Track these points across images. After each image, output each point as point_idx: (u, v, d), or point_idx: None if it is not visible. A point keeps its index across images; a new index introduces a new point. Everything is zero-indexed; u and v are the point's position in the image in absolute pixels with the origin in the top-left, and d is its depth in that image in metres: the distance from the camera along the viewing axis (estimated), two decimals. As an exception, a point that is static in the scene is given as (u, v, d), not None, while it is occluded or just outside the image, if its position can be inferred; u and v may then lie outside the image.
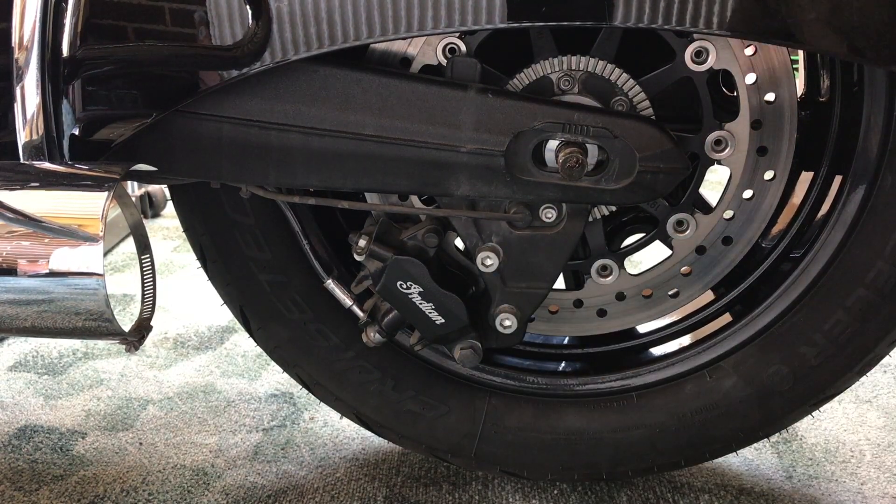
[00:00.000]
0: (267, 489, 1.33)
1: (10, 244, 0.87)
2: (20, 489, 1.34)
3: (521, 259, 1.04)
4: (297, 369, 1.25)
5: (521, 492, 1.30)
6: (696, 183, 1.10)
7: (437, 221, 1.05)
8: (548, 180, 0.98)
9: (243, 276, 1.19)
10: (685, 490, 1.30)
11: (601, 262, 1.15)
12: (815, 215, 1.14)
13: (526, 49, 1.02)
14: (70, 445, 1.47)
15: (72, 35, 0.87)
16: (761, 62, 1.01)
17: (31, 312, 0.89)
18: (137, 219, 1.07)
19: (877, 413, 1.51)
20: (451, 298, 1.04)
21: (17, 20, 0.86)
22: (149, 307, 1.04)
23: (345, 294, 1.14)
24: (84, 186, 0.87)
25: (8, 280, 0.87)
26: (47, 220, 0.87)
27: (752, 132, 1.04)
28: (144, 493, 1.33)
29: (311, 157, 0.98)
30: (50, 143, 0.89)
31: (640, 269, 1.17)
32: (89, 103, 0.91)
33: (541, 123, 0.96)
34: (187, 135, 0.96)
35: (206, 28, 0.89)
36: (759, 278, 1.18)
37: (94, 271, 0.85)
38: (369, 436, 1.43)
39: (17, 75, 0.87)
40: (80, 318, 0.88)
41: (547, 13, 0.86)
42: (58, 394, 1.66)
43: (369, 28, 0.87)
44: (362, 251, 1.04)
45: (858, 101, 1.04)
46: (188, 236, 1.19)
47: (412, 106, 0.96)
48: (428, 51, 1.01)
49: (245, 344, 1.87)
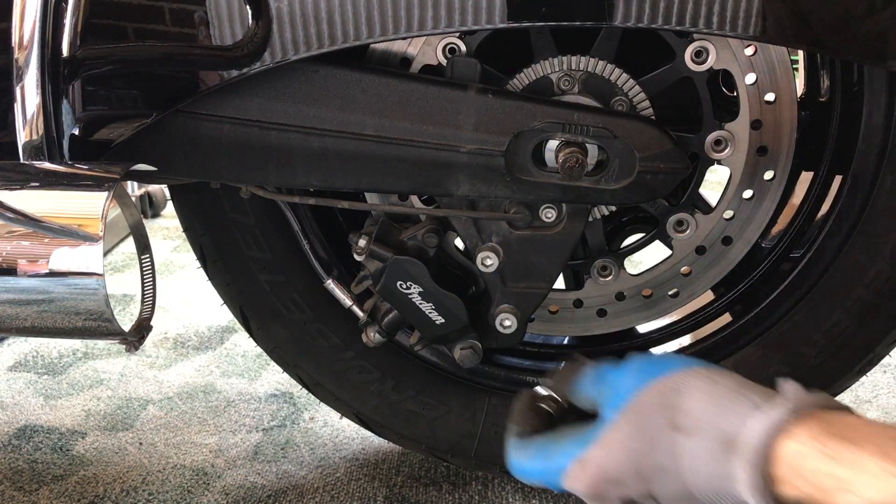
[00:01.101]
0: (267, 489, 1.33)
1: (10, 244, 0.87)
2: (20, 489, 1.34)
3: (521, 259, 1.04)
4: (297, 369, 1.25)
5: (521, 492, 1.30)
6: (696, 183, 1.10)
7: (437, 221, 1.05)
8: (548, 180, 0.98)
9: (243, 276, 1.19)
10: (685, 490, 1.30)
11: (601, 262, 1.15)
12: (815, 215, 1.14)
13: (526, 49, 1.02)
14: (70, 445, 1.47)
15: (72, 35, 0.87)
16: (761, 62, 1.01)
17: (31, 312, 0.89)
18: (137, 219, 1.07)
19: (877, 413, 1.51)
20: (451, 298, 1.04)
21: (17, 20, 0.86)
22: (149, 307, 1.04)
23: (345, 294, 1.14)
24: (84, 186, 0.87)
25: (8, 280, 0.87)
26: (47, 220, 0.87)
27: (752, 132, 1.04)
28: (144, 493, 1.33)
29: (311, 157, 0.97)
30: (50, 143, 0.89)
31: (640, 269, 1.17)
32: (89, 103, 0.90)
33: (541, 123, 0.96)
34: (187, 135, 0.96)
35: (206, 28, 0.89)
36: (759, 278, 1.18)
37: (94, 271, 0.85)
38: (369, 436, 1.43)
39: (17, 75, 0.87)
40: (80, 318, 0.88)
41: (547, 13, 0.86)
42: (58, 394, 1.66)
43: (369, 28, 0.87)
44: (362, 251, 1.04)
45: (858, 101, 1.03)
46: (188, 236, 1.19)
47: (412, 106, 0.96)
48: (428, 51, 1.01)
49: (245, 344, 1.87)
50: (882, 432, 0.62)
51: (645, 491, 0.73)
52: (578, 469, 0.77)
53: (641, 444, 0.72)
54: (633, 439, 0.73)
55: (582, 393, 0.83)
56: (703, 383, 0.71)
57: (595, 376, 0.82)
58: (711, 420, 0.68)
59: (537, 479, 0.83)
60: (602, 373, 0.82)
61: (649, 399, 0.74)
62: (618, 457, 0.74)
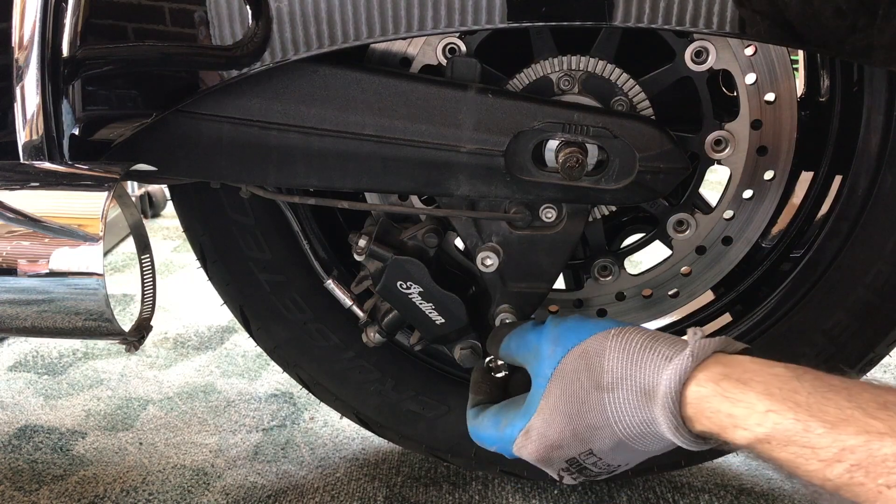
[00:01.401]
0: (267, 489, 1.33)
1: (10, 244, 0.87)
2: (20, 489, 1.34)
3: (521, 259, 1.04)
4: (297, 369, 1.25)
5: (521, 492, 1.30)
6: (696, 183, 1.10)
7: (436, 221, 1.05)
8: (548, 180, 0.98)
9: (243, 276, 1.19)
10: (685, 490, 1.30)
11: (601, 262, 1.15)
12: (815, 215, 1.14)
13: (526, 49, 1.02)
14: (70, 445, 1.47)
15: (72, 35, 0.87)
16: (761, 62, 1.01)
17: (31, 312, 0.89)
18: (137, 219, 1.07)
19: (877, 413, 1.51)
20: (451, 298, 1.04)
21: (17, 20, 0.86)
22: (149, 307, 1.04)
23: (345, 294, 1.14)
24: (84, 186, 0.87)
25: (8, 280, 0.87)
26: (47, 220, 0.87)
27: (752, 132, 1.04)
28: (144, 493, 1.33)
29: (311, 157, 0.97)
30: (50, 143, 0.89)
31: (640, 269, 1.17)
32: (89, 103, 0.90)
33: (541, 123, 0.96)
34: (187, 135, 0.96)
35: (206, 28, 0.89)
36: (759, 278, 1.18)
37: (94, 271, 0.85)
38: (369, 436, 1.43)
39: (17, 75, 0.87)
40: (80, 318, 0.88)
41: (547, 13, 0.86)
42: (58, 394, 1.66)
43: (369, 28, 0.87)
44: (362, 251, 1.04)
45: (858, 101, 1.03)
46: (188, 236, 1.19)
47: (412, 106, 0.96)
48: (428, 51, 1.01)
49: (245, 344, 1.87)
50: (768, 371, 0.71)
51: (585, 449, 0.83)
52: (523, 439, 0.87)
53: (573, 407, 0.82)
54: (565, 404, 0.82)
55: (509, 356, 0.96)
56: (619, 343, 0.81)
57: (518, 339, 0.94)
58: (630, 376, 0.78)
59: (493, 447, 0.93)
60: (524, 336, 0.93)
61: (572, 365, 0.83)
62: (555, 424, 0.83)
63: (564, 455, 0.84)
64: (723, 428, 0.70)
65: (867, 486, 0.60)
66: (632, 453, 0.82)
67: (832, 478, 0.62)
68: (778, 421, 0.66)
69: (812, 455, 0.63)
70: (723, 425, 0.70)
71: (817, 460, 0.63)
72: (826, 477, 0.62)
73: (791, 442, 0.65)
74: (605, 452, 0.82)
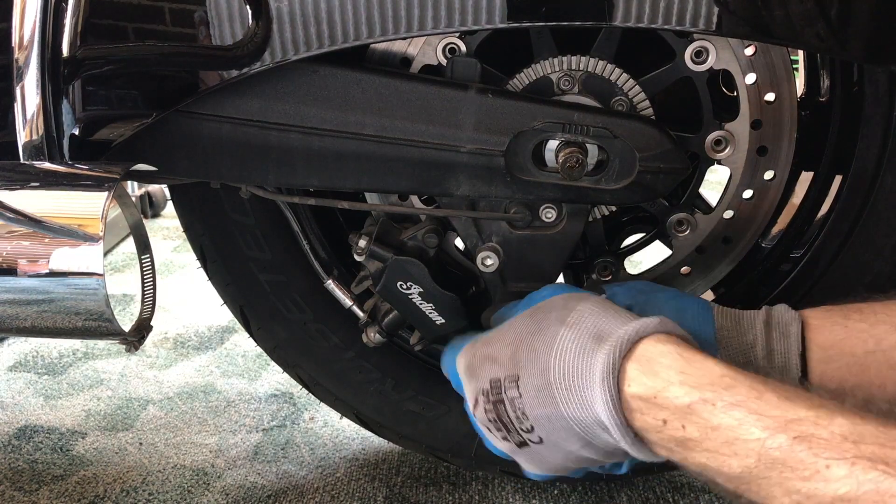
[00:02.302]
0: (267, 489, 1.33)
1: (10, 244, 0.87)
2: (20, 489, 1.34)
3: (521, 259, 1.04)
4: (297, 369, 1.25)
5: (521, 492, 1.30)
6: (696, 183, 1.10)
7: (436, 221, 1.05)
8: (548, 180, 0.98)
9: (243, 276, 1.19)
10: (685, 490, 1.30)
11: (601, 262, 1.15)
12: (815, 215, 1.14)
13: (526, 49, 1.02)
14: (70, 445, 1.47)
15: (72, 35, 0.87)
16: (761, 62, 1.01)
17: (31, 312, 0.89)
18: (137, 219, 1.07)
19: (877, 413, 1.51)
20: (451, 298, 1.04)
21: (17, 20, 0.86)
22: (149, 307, 1.04)
23: (345, 294, 1.14)
24: (84, 186, 0.87)
25: (8, 280, 0.87)
26: (47, 220, 0.87)
27: (752, 132, 1.04)
28: (144, 493, 1.33)
29: (311, 157, 0.97)
30: (50, 143, 0.89)
31: (640, 269, 1.17)
32: (89, 103, 0.90)
33: (541, 123, 0.96)
34: (187, 135, 0.96)
35: (206, 28, 0.89)
36: (758, 278, 1.18)
37: (94, 271, 0.85)
38: (369, 436, 1.43)
39: (17, 75, 0.87)
40: (80, 318, 0.88)
41: (547, 13, 0.86)
42: (58, 394, 1.66)
43: (369, 28, 0.87)
44: (362, 251, 1.04)
45: (858, 101, 1.03)
46: (188, 236, 1.19)
47: (412, 106, 0.96)
48: (428, 51, 1.01)
49: (245, 344, 1.87)
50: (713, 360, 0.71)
51: (513, 374, 0.80)
52: (469, 347, 0.88)
53: (527, 329, 0.82)
54: (524, 326, 0.83)
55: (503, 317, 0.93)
56: (602, 301, 0.81)
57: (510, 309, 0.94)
58: (595, 321, 0.77)
59: (448, 373, 0.94)
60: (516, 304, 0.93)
61: (552, 302, 0.84)
62: (504, 338, 0.84)
63: (492, 373, 0.82)
64: (657, 391, 0.69)
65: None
66: (548, 424, 0.77)
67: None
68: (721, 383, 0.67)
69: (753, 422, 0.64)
70: (670, 381, 0.69)
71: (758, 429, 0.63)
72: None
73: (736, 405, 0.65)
74: (529, 393, 0.78)
